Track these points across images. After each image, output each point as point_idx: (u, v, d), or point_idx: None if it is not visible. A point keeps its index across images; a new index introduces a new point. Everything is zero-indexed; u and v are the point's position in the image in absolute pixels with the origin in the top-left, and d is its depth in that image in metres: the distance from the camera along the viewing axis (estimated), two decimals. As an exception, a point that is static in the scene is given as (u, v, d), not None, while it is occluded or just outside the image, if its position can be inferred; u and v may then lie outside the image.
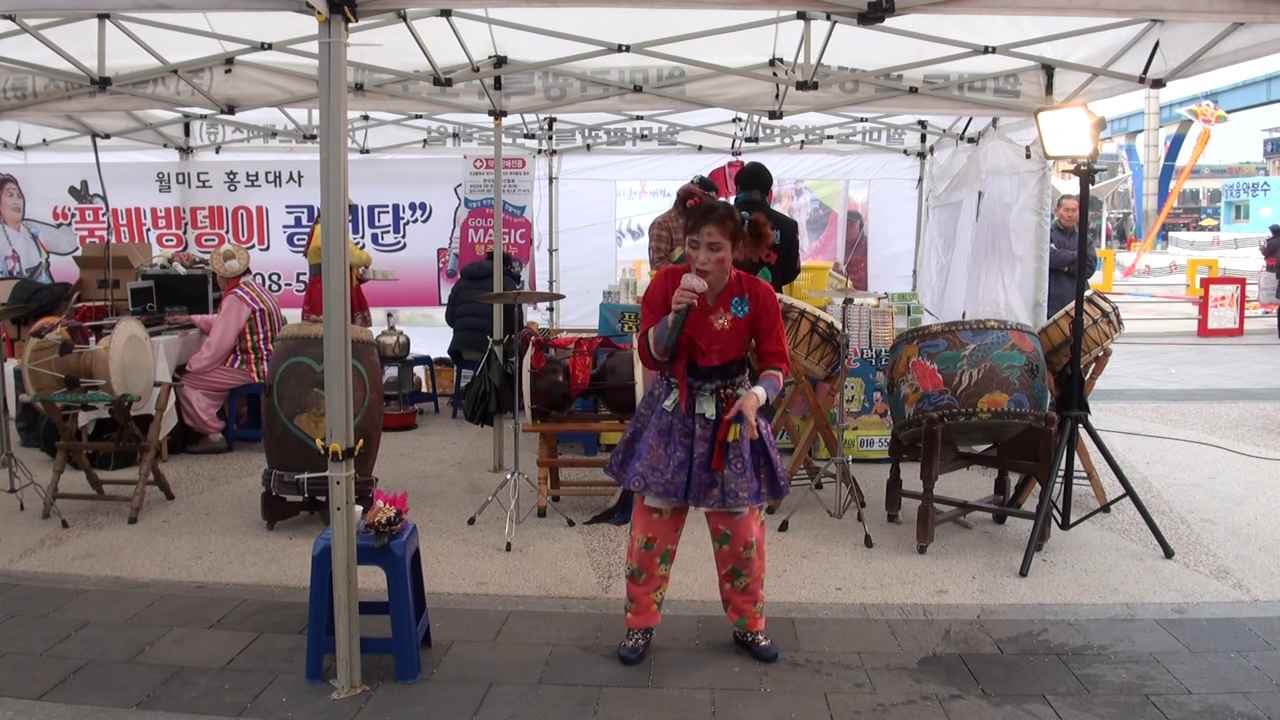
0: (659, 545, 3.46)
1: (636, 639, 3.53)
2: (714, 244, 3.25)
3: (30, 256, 8.98)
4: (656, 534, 3.44)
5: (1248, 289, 15.59)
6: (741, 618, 3.56)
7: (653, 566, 3.47)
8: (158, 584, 4.25)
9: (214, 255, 6.82)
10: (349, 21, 3.06)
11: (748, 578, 3.49)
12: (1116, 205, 46.51)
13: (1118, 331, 5.26)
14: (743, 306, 3.36)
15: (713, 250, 3.26)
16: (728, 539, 3.44)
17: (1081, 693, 3.25)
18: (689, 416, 3.36)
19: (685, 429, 3.36)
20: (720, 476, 3.32)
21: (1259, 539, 4.87)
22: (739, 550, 3.45)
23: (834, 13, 4.20)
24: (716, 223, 3.25)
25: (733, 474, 3.32)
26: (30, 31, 4.90)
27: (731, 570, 3.50)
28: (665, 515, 3.44)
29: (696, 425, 3.35)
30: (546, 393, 5.13)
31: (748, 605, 3.54)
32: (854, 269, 9.63)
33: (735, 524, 3.42)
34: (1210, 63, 4.62)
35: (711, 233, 3.24)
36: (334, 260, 3.09)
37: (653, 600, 3.53)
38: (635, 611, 3.54)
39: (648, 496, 3.40)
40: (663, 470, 3.34)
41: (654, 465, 3.35)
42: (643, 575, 3.49)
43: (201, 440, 6.71)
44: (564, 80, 5.73)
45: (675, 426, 3.37)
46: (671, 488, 3.33)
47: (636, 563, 3.49)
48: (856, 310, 6.19)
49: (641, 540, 3.46)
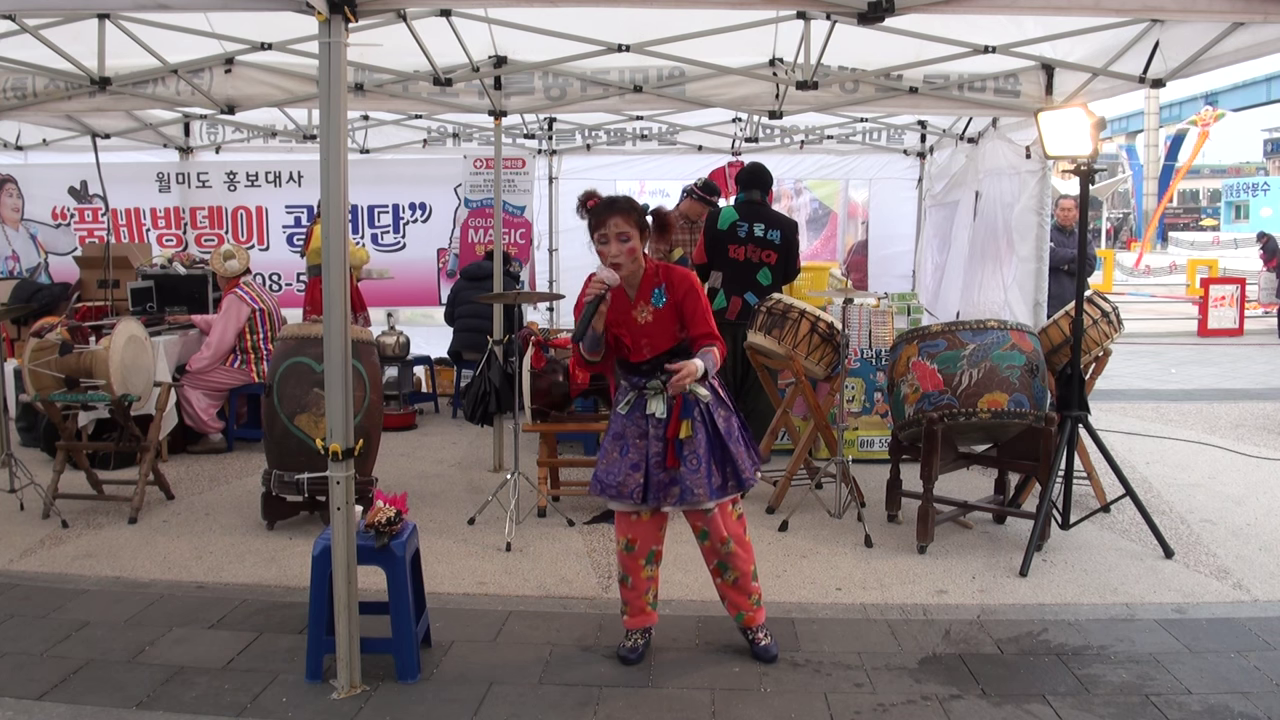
0: (640, 547, 3.43)
1: (635, 639, 3.52)
2: (622, 234, 3.24)
3: (29, 257, 8.98)
4: (636, 535, 3.42)
5: (1248, 289, 15.59)
6: (740, 612, 3.53)
7: (637, 569, 3.45)
8: (158, 584, 4.25)
9: (214, 255, 6.82)
10: (349, 21, 3.05)
11: (734, 572, 3.47)
12: (1116, 205, 46.51)
13: (1118, 331, 5.26)
14: (661, 296, 3.32)
15: (622, 241, 3.24)
16: (706, 535, 3.43)
17: (1081, 693, 3.25)
18: (641, 417, 3.34)
19: (639, 430, 3.34)
20: (677, 475, 3.30)
21: (1259, 539, 4.87)
22: (717, 546, 3.43)
23: (834, 13, 4.20)
24: (621, 213, 3.24)
25: (688, 471, 3.29)
26: (30, 31, 4.90)
27: (718, 565, 3.49)
28: (644, 516, 3.41)
29: (650, 425, 3.32)
30: (546, 393, 5.13)
31: (742, 598, 3.52)
32: (854, 269, 9.63)
33: (709, 520, 3.39)
34: (1210, 63, 4.62)
35: (618, 223, 3.23)
36: (334, 260, 3.09)
37: (645, 602, 3.51)
38: (630, 614, 3.53)
39: (612, 502, 3.40)
40: (616, 473, 3.33)
41: (609, 469, 3.35)
42: (629, 579, 3.47)
43: (201, 440, 6.71)
44: (564, 80, 5.73)
45: (628, 429, 3.36)
46: (626, 490, 3.31)
47: (622, 566, 3.48)
48: (856, 310, 6.20)
49: (623, 543, 3.45)
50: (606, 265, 3.25)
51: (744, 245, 5.86)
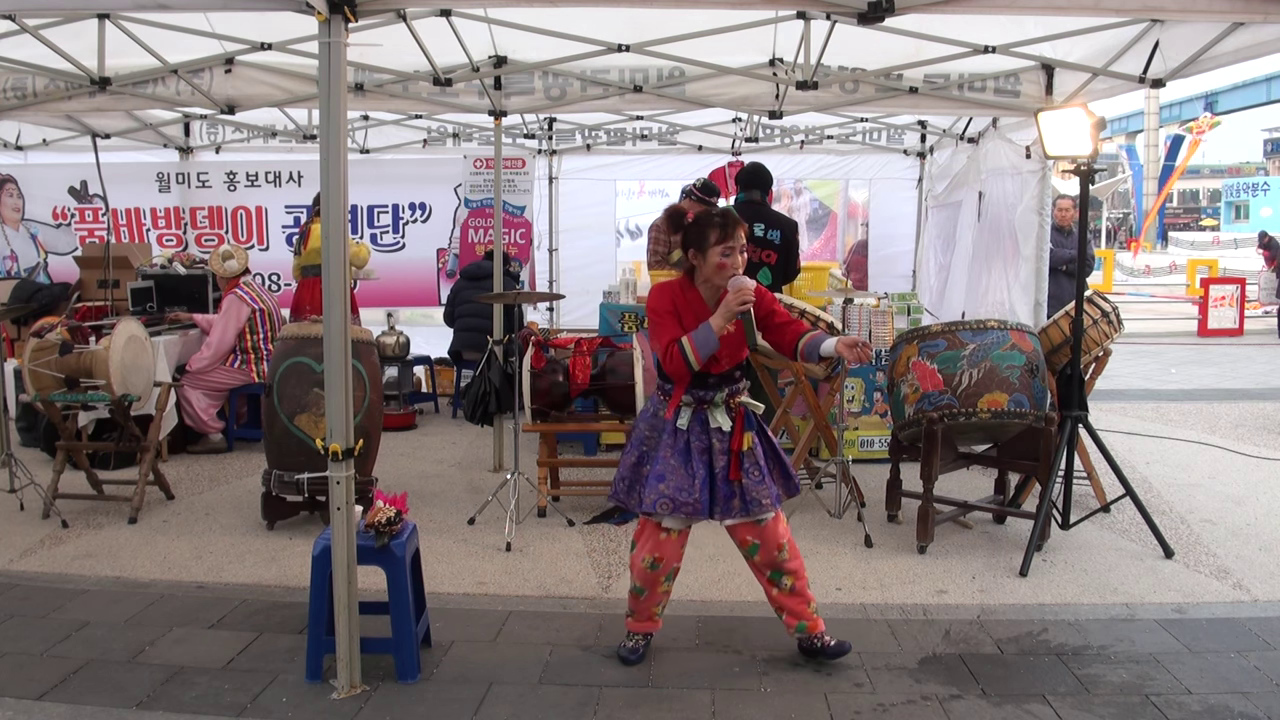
0: (665, 565, 3.40)
1: (637, 640, 3.51)
2: (742, 248, 3.30)
3: (28, 256, 8.98)
4: (664, 554, 3.39)
5: (1248, 289, 15.59)
6: (800, 622, 3.47)
7: (656, 584, 3.43)
8: (158, 584, 4.25)
9: (213, 255, 6.82)
10: (349, 21, 3.05)
11: (790, 578, 3.43)
12: (1116, 205, 46.52)
13: (1118, 331, 5.26)
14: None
15: (741, 255, 3.30)
16: (757, 549, 3.39)
17: (1081, 693, 3.25)
18: (704, 433, 3.33)
19: (702, 445, 3.32)
20: (739, 487, 3.29)
21: (1259, 539, 4.87)
22: (773, 555, 3.40)
23: (834, 12, 4.20)
24: (739, 225, 3.30)
25: (751, 482, 3.29)
26: (30, 31, 4.90)
27: (771, 576, 3.44)
28: (674, 535, 3.39)
29: (714, 439, 3.32)
30: (546, 393, 5.13)
31: (801, 606, 3.46)
32: (854, 269, 9.63)
33: (761, 530, 3.37)
34: (1210, 63, 4.62)
35: (741, 237, 3.29)
36: (334, 260, 3.09)
37: (654, 611, 3.50)
38: (636, 618, 3.51)
39: (667, 519, 3.34)
40: (689, 490, 3.28)
41: (680, 486, 3.28)
42: (645, 593, 3.44)
43: (201, 440, 6.71)
44: (564, 80, 5.73)
45: (692, 444, 3.32)
46: (699, 507, 3.28)
47: (640, 581, 3.43)
48: (856, 310, 6.19)
49: (648, 560, 3.39)
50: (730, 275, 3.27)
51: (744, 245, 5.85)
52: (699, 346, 3.22)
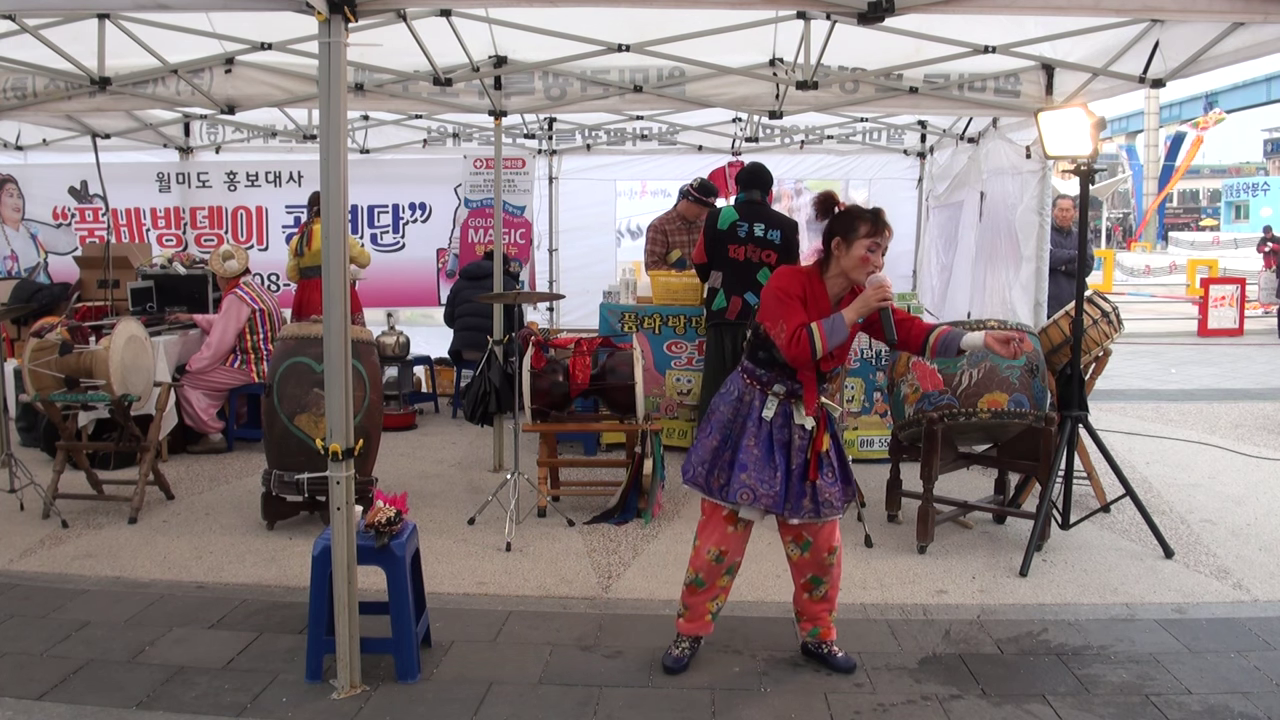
0: (729, 558, 3.38)
1: (684, 646, 3.45)
2: (884, 250, 3.25)
3: (28, 256, 8.98)
4: (729, 547, 3.37)
5: (1248, 289, 15.59)
6: (815, 628, 3.47)
7: (717, 578, 3.40)
8: (158, 584, 4.25)
9: (213, 256, 6.82)
10: (349, 21, 3.05)
11: (827, 584, 3.42)
12: (1116, 205, 46.52)
13: (1118, 331, 5.26)
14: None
15: (882, 257, 3.25)
16: (809, 545, 3.37)
17: (1081, 693, 3.25)
18: (785, 427, 3.29)
19: (783, 439, 3.28)
20: (813, 487, 3.27)
21: (1259, 539, 4.87)
22: (822, 556, 3.38)
23: (834, 12, 4.20)
24: (890, 231, 3.26)
25: (825, 484, 3.27)
26: (30, 31, 4.90)
27: (811, 579, 3.42)
28: (740, 529, 3.37)
29: (795, 435, 3.28)
30: (546, 393, 5.13)
31: (824, 614, 3.46)
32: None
33: (819, 530, 3.35)
34: (1210, 63, 4.61)
35: (888, 239, 3.25)
36: (334, 260, 3.09)
37: (709, 610, 3.43)
38: (689, 618, 3.44)
39: (744, 509, 3.30)
40: (770, 482, 3.25)
41: (761, 478, 3.25)
42: (704, 585, 3.39)
43: (201, 440, 6.71)
44: (564, 80, 5.73)
45: (775, 437, 3.28)
46: (777, 499, 3.26)
47: (703, 574, 3.38)
48: (856, 310, 6.18)
49: (714, 553, 3.36)
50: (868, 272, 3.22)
51: (744, 245, 5.85)
52: (829, 334, 3.17)
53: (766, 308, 3.31)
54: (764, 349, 3.30)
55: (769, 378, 3.31)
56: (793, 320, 3.19)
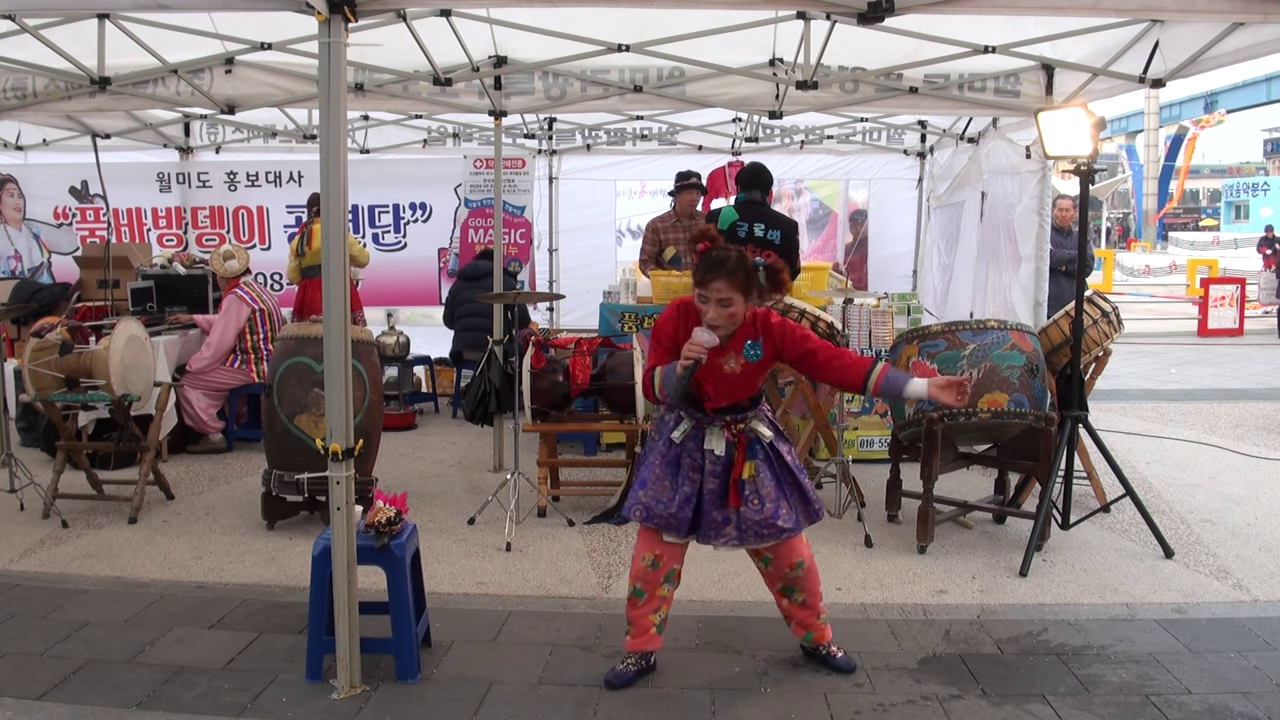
0: (665, 564, 3.28)
1: (629, 663, 3.34)
2: (724, 300, 3.06)
3: (32, 256, 8.99)
4: (663, 553, 3.27)
5: (1248, 289, 15.59)
6: (808, 632, 3.44)
7: (655, 586, 3.29)
8: (158, 584, 4.25)
9: (213, 255, 6.82)
10: (349, 21, 3.05)
11: (803, 593, 3.37)
12: (1116, 205, 46.52)
13: (1118, 331, 5.26)
14: (756, 350, 3.17)
15: (723, 306, 3.07)
16: (770, 561, 3.33)
17: (1081, 693, 3.25)
18: (698, 450, 3.21)
19: (694, 463, 3.20)
20: (736, 514, 3.18)
21: (1259, 539, 4.87)
22: (785, 570, 3.33)
23: (834, 12, 4.20)
24: (726, 277, 3.04)
25: (750, 510, 3.17)
26: (30, 31, 4.90)
27: (784, 588, 3.39)
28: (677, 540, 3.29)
29: (706, 460, 3.20)
30: (546, 393, 5.13)
31: (810, 618, 3.42)
32: (854, 269, 9.62)
33: (775, 548, 3.29)
34: (1210, 63, 4.62)
35: (721, 289, 3.05)
36: (334, 260, 3.09)
37: (652, 623, 3.32)
38: (633, 634, 3.34)
39: (667, 534, 3.24)
40: (667, 504, 3.19)
41: (658, 497, 3.20)
42: (644, 595, 3.29)
43: (201, 440, 6.71)
44: (564, 80, 5.73)
45: (684, 459, 3.21)
46: (675, 523, 3.18)
47: (640, 583, 3.29)
48: (856, 310, 6.19)
49: (648, 559, 3.27)
50: (704, 326, 3.08)
51: (744, 245, 5.84)
52: (664, 382, 3.11)
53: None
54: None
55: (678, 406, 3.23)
56: (649, 361, 3.22)
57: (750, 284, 3.10)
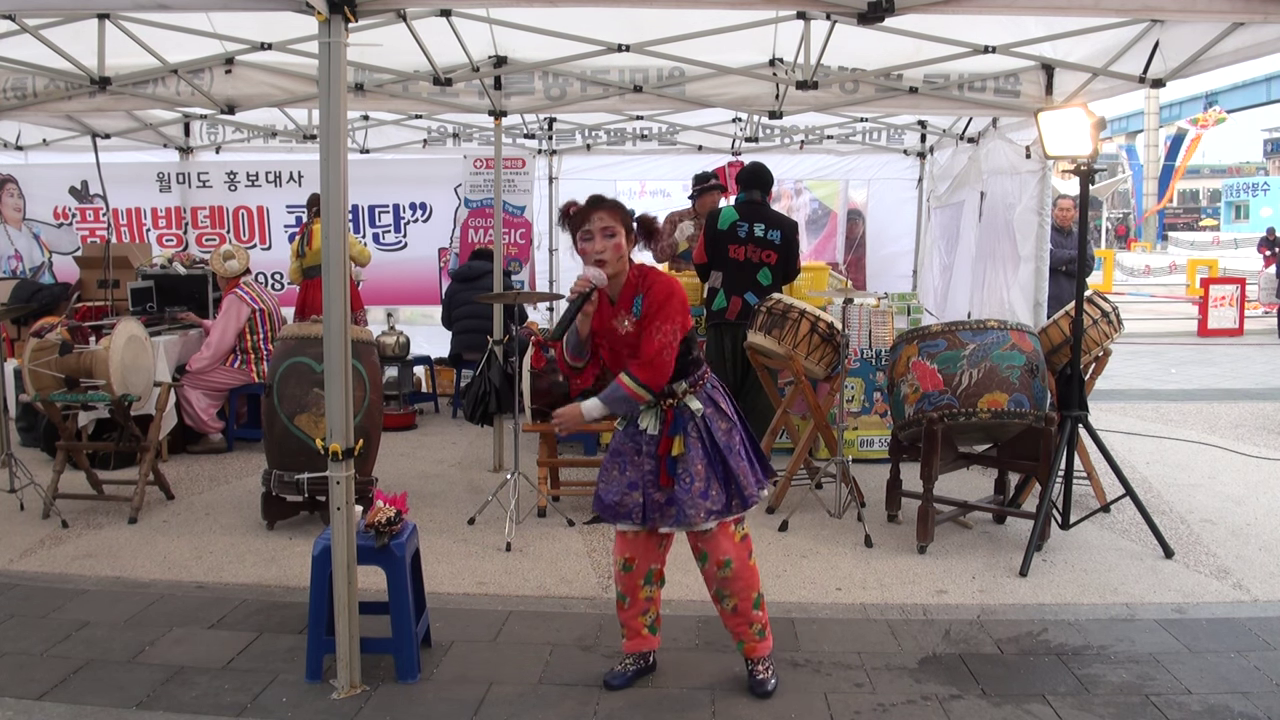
0: (639, 566, 3.23)
1: (626, 664, 3.33)
2: (607, 229, 3.04)
3: (33, 256, 8.99)
4: (634, 554, 3.22)
5: (1248, 289, 15.59)
6: (740, 641, 3.29)
7: (635, 589, 3.25)
8: (158, 584, 4.25)
9: (214, 255, 6.82)
10: (349, 21, 3.06)
11: (733, 598, 3.20)
12: (1116, 205, 46.52)
13: (1118, 331, 5.26)
14: (640, 305, 3.08)
15: (607, 236, 3.03)
16: (706, 557, 3.18)
17: (1081, 693, 3.25)
18: (637, 433, 3.15)
19: (635, 447, 3.16)
20: (673, 494, 3.09)
21: (1259, 539, 4.87)
22: (714, 570, 3.18)
23: (834, 13, 4.20)
24: (607, 209, 3.07)
25: (682, 489, 3.07)
26: (30, 31, 4.90)
27: (716, 592, 3.23)
28: (641, 533, 3.20)
29: (644, 442, 3.14)
30: (546, 393, 5.13)
31: (741, 627, 3.25)
32: (854, 269, 9.62)
33: (707, 541, 3.16)
34: (1210, 63, 4.62)
35: (603, 217, 3.04)
36: (334, 260, 3.09)
37: (643, 624, 3.30)
38: (628, 637, 3.33)
39: (619, 522, 3.21)
40: (614, 492, 3.16)
41: (608, 487, 3.18)
42: (627, 600, 3.27)
43: (201, 440, 6.71)
44: (564, 80, 5.73)
45: (625, 445, 3.18)
46: (624, 509, 3.14)
47: (621, 587, 3.28)
48: (856, 310, 6.20)
49: (619, 562, 3.25)
50: (590, 264, 3.06)
51: (744, 245, 5.85)
52: (555, 336, 3.12)
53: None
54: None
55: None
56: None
57: (628, 221, 3.12)
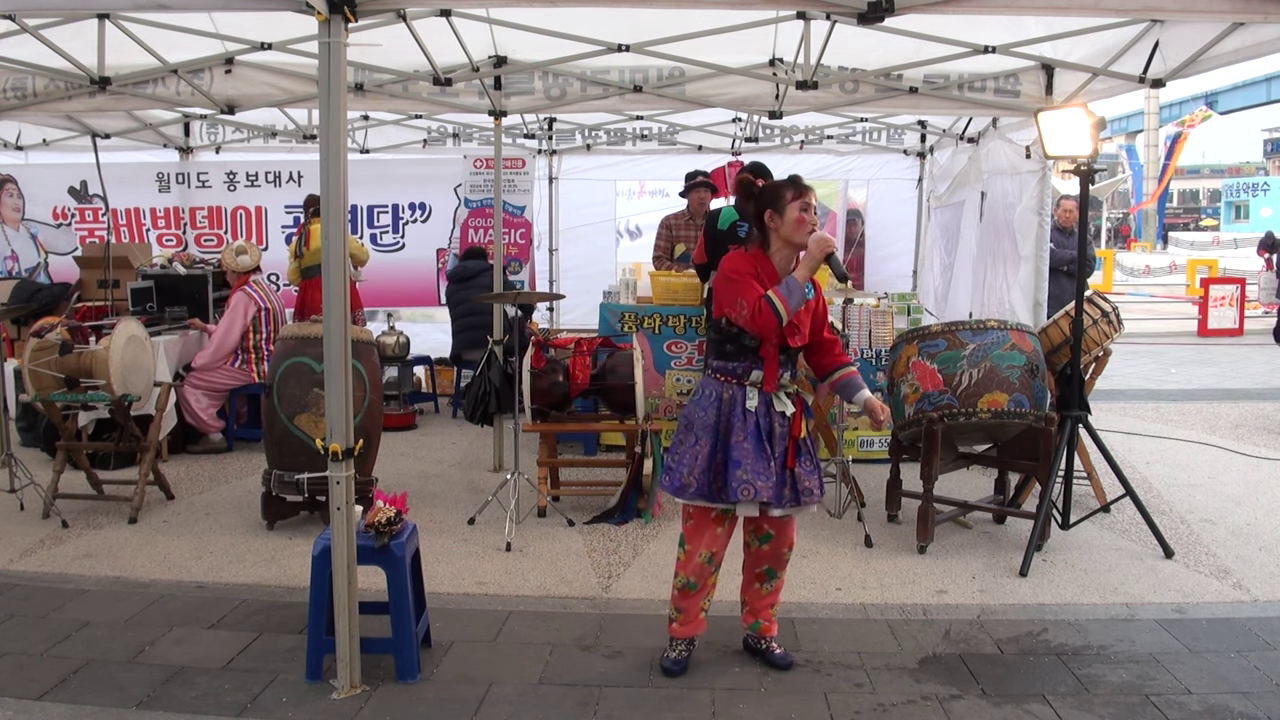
0: (719, 558, 3.39)
1: (680, 649, 3.45)
2: (815, 209, 3.26)
3: (29, 256, 8.98)
4: (719, 548, 3.37)
5: (1248, 289, 15.58)
6: (756, 621, 3.50)
7: (708, 578, 3.40)
8: (158, 584, 4.25)
9: (226, 250, 6.83)
10: (349, 21, 3.06)
11: (779, 579, 3.48)
12: (1116, 205, 46.51)
13: (1118, 331, 5.26)
14: (810, 289, 3.27)
15: (814, 216, 3.25)
16: (770, 539, 3.40)
17: (1081, 693, 3.25)
18: (768, 415, 3.26)
19: (768, 429, 3.26)
20: (791, 475, 3.27)
21: (1259, 539, 4.87)
22: (781, 551, 3.43)
23: (834, 13, 4.20)
24: (813, 192, 3.28)
25: (804, 471, 3.29)
26: (30, 31, 4.90)
27: (766, 570, 3.45)
28: (726, 528, 3.35)
29: (776, 423, 3.27)
30: (546, 393, 5.13)
31: (766, 608, 3.50)
32: (853, 269, 9.62)
33: (782, 524, 3.38)
34: (1210, 63, 4.62)
35: (813, 198, 3.27)
36: (334, 260, 3.09)
37: (701, 608, 3.44)
38: (683, 621, 3.44)
39: (743, 505, 3.25)
40: (766, 474, 3.21)
41: (758, 470, 3.20)
42: (697, 587, 3.39)
43: (201, 440, 6.72)
44: (564, 80, 5.73)
45: (761, 427, 3.25)
46: (776, 491, 3.24)
47: (694, 577, 3.37)
48: (856, 310, 6.19)
49: (705, 555, 3.35)
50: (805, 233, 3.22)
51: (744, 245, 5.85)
52: (787, 296, 3.17)
53: (721, 294, 3.28)
54: (731, 342, 3.28)
55: (743, 368, 3.28)
56: (750, 295, 3.18)
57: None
